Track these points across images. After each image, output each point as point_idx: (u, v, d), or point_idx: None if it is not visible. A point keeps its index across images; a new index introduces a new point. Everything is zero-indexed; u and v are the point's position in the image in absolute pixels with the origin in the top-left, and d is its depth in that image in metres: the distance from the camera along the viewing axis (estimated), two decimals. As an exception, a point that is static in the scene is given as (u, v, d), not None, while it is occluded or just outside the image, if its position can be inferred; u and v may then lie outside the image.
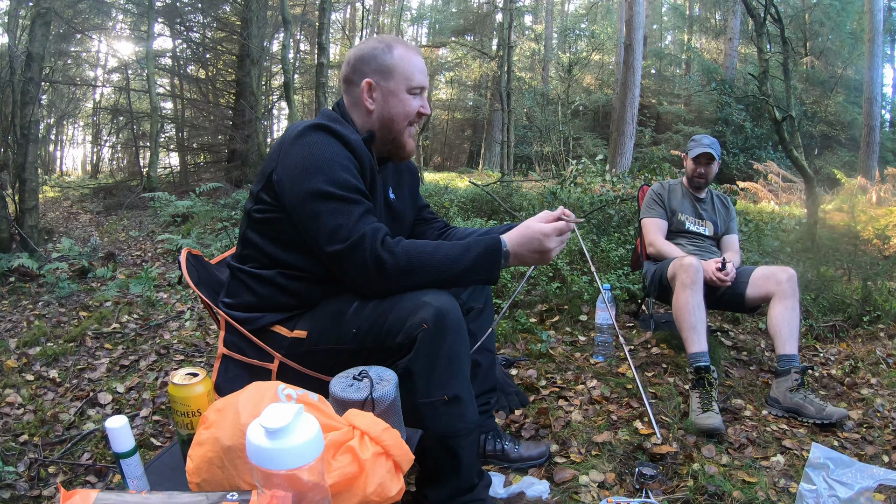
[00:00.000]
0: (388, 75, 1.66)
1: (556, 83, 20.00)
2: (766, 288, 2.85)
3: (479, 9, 25.31)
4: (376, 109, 1.68)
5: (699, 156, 3.30)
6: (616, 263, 4.50)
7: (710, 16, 24.06)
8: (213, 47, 14.91)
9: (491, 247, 1.53)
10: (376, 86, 1.67)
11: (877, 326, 3.73)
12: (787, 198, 10.91)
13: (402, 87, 1.67)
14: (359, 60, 1.69)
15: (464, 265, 1.50)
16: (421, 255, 1.48)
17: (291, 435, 0.89)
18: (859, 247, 5.29)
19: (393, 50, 1.66)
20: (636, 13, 14.59)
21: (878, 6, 13.67)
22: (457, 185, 11.03)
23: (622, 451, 2.20)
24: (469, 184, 8.76)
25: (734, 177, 13.99)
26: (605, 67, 23.14)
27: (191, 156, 15.89)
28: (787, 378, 2.59)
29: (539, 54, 22.97)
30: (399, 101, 1.67)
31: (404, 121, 1.70)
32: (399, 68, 1.66)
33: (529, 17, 25.52)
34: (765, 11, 5.70)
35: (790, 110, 5.48)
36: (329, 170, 1.49)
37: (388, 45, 1.68)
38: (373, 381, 1.30)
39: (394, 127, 1.70)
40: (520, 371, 2.96)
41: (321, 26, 9.19)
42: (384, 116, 1.69)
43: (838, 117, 17.19)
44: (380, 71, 1.66)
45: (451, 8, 26.96)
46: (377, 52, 1.67)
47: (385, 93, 1.67)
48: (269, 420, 0.89)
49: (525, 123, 18.05)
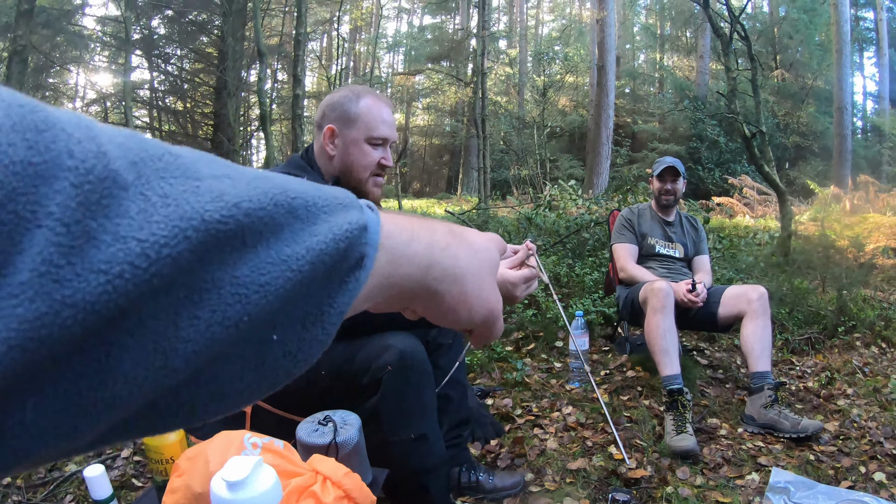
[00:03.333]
0: (350, 124, 1.70)
1: (531, 106, 20.22)
2: (738, 307, 2.90)
3: (454, 35, 25.64)
4: (337, 156, 1.72)
5: (663, 172, 3.35)
6: (591, 287, 4.53)
7: (681, 34, 24.51)
8: (191, 79, 14.97)
9: None
10: (338, 133, 1.70)
11: (853, 336, 3.79)
12: (762, 210, 11.07)
13: (362, 136, 1.70)
14: (327, 107, 1.73)
15: None
16: None
17: (250, 486, 0.95)
18: (833, 257, 5.37)
19: (360, 100, 1.70)
20: (608, 35, 14.87)
21: (844, 17, 14.07)
22: (435, 212, 11.08)
23: (596, 478, 2.21)
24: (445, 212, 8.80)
25: (710, 192, 14.18)
26: (579, 89, 23.44)
27: (169, 188, 15.81)
28: (761, 395, 2.63)
29: (514, 78, 23.25)
30: (359, 151, 1.71)
31: (364, 171, 1.72)
32: (362, 118, 1.69)
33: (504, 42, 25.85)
34: (731, 30, 5.85)
35: (760, 126, 5.59)
36: None
37: (357, 94, 1.72)
38: (336, 425, 1.32)
39: (353, 175, 1.72)
40: (495, 401, 2.97)
41: (296, 58, 9.27)
42: (345, 164, 1.72)
43: (810, 128, 17.55)
44: (343, 119, 1.70)
45: (426, 35, 27.34)
46: (344, 101, 1.70)
47: (346, 141, 1.70)
48: (229, 473, 0.95)
49: (502, 147, 18.22)
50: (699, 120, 17.48)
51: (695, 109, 17.92)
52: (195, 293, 0.27)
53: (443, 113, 26.33)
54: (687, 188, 3.69)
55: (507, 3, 29.37)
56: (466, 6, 24.05)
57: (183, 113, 15.56)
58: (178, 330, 0.27)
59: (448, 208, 9.39)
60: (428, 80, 25.11)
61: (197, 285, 0.27)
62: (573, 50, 22.47)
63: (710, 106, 17.82)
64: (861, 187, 11.27)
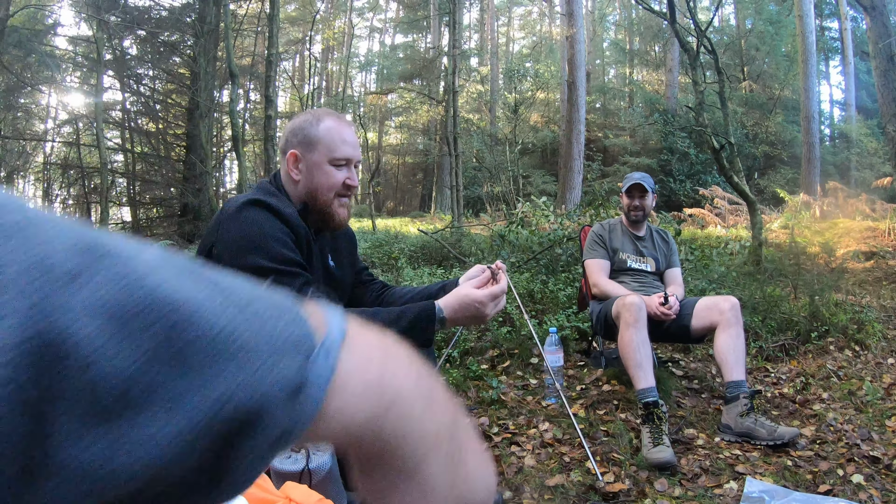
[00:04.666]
0: (312, 147, 1.70)
1: (503, 123, 20.40)
2: (710, 318, 2.92)
3: (425, 53, 25.81)
4: (302, 180, 1.72)
5: (631, 188, 3.39)
6: (564, 303, 4.55)
7: (650, 49, 24.95)
8: (163, 100, 14.87)
9: (424, 312, 1.56)
10: (301, 157, 1.71)
11: (826, 340, 3.84)
12: (733, 220, 11.23)
13: (324, 158, 1.70)
14: (289, 132, 1.73)
15: (398, 331, 1.46)
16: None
17: None
18: (804, 263, 5.46)
19: (320, 123, 1.70)
20: (578, 51, 15.08)
21: (809, 28, 14.41)
22: (408, 230, 11.08)
23: (575, 493, 2.21)
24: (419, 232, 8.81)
25: (682, 203, 14.37)
26: (550, 105, 23.69)
27: (143, 210, 15.66)
28: (737, 404, 2.65)
29: (485, 96, 23.44)
30: (323, 173, 1.70)
31: (329, 192, 1.72)
32: (323, 140, 1.69)
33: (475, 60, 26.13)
34: (698, 44, 5.97)
35: (729, 137, 5.70)
36: (265, 245, 1.52)
37: (318, 118, 1.72)
38: (308, 452, 1.30)
39: (319, 197, 1.72)
40: (471, 420, 2.95)
41: (268, 78, 9.26)
42: (309, 187, 1.72)
43: (779, 137, 17.91)
44: (304, 143, 1.70)
45: (398, 54, 27.49)
46: (305, 125, 1.71)
47: (309, 164, 1.70)
48: None
49: (475, 165, 18.31)
50: (669, 133, 17.76)
51: (665, 123, 18.21)
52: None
53: (415, 131, 26.46)
54: (659, 200, 3.73)
55: (478, 22, 29.72)
56: (438, 25, 24.24)
57: (155, 134, 15.39)
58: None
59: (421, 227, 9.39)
60: (400, 98, 25.27)
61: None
62: (544, 66, 22.75)
63: (680, 119, 18.14)
64: (830, 193, 11.50)
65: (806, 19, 14.41)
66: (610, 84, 26.45)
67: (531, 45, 27.64)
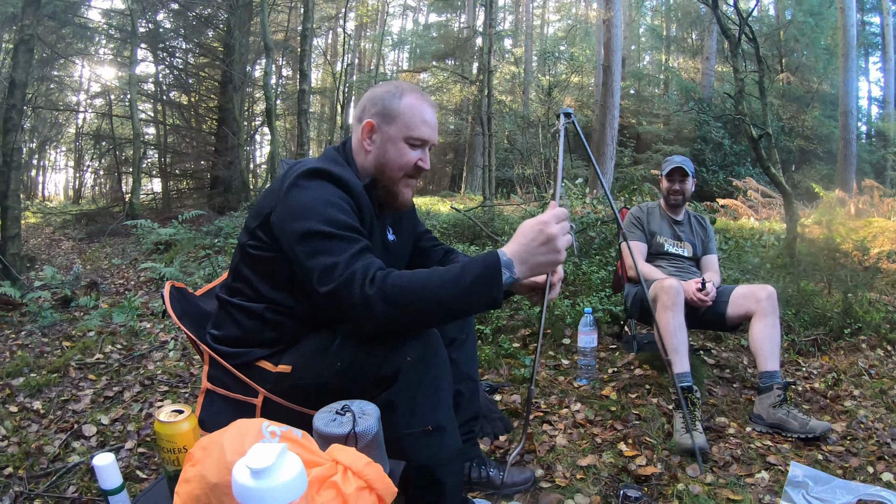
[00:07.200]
0: (390, 120, 1.64)
1: (536, 106, 20.18)
2: (747, 306, 2.89)
3: (459, 33, 25.57)
4: (373, 152, 1.66)
5: (672, 171, 3.35)
6: (598, 286, 4.52)
7: (687, 36, 24.51)
8: (196, 73, 14.94)
9: (488, 262, 1.37)
10: (377, 128, 1.65)
11: (858, 338, 3.77)
12: (766, 213, 11.04)
13: (400, 134, 1.64)
14: (368, 101, 1.67)
15: (461, 287, 1.36)
16: (412, 283, 1.37)
17: (276, 474, 0.91)
18: (839, 259, 5.36)
19: (403, 97, 1.64)
20: (614, 35, 14.84)
21: (850, 21, 14.03)
22: (439, 209, 11.06)
23: (607, 474, 2.21)
24: (451, 209, 8.79)
25: (714, 194, 14.16)
26: (584, 89, 23.42)
27: (173, 182, 15.83)
28: (770, 394, 2.62)
29: (519, 77, 23.23)
30: (396, 149, 1.65)
31: (399, 171, 1.67)
32: (403, 116, 1.63)
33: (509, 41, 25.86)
34: (739, 32, 5.83)
35: (767, 128, 5.58)
36: (325, 211, 1.46)
37: (402, 91, 1.66)
38: (355, 415, 1.31)
39: (387, 173, 1.67)
40: (503, 397, 2.97)
41: (303, 52, 9.26)
42: (379, 161, 1.66)
43: (815, 131, 17.53)
44: (383, 114, 1.64)
45: (431, 33, 27.31)
46: (386, 96, 1.65)
47: (384, 137, 1.65)
48: (253, 460, 0.90)
49: (506, 146, 18.18)
50: (704, 122, 17.47)
51: (700, 111, 17.92)
52: None
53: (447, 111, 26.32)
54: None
55: (513, 3, 29.37)
56: (472, 4, 23.97)
57: (188, 107, 15.51)
58: None
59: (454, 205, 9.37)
60: (433, 77, 25.09)
61: None
62: (579, 50, 22.49)
63: (715, 108, 17.82)
64: (865, 191, 11.23)
65: (848, 12, 14.02)
66: (645, 70, 26.08)
67: (566, 27, 27.23)
